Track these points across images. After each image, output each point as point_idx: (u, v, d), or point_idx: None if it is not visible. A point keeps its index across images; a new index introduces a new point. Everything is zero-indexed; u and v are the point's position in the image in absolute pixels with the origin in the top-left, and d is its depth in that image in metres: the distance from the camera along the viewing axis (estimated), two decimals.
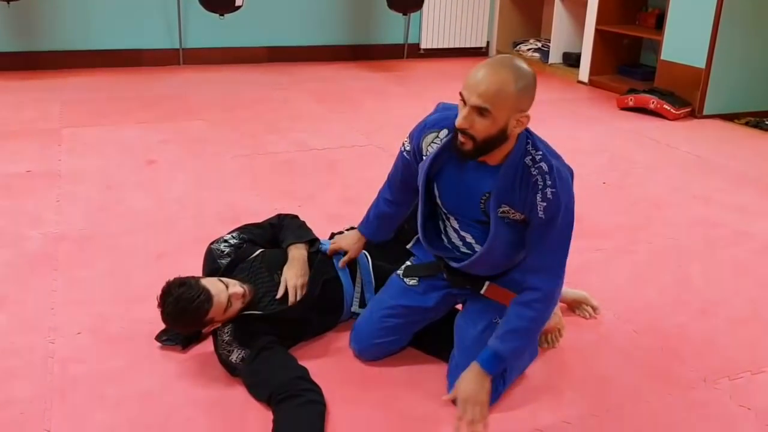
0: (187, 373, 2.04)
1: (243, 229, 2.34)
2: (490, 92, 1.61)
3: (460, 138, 1.69)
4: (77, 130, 4.20)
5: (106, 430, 1.80)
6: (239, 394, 1.95)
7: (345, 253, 2.22)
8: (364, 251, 2.26)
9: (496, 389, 1.88)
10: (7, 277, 2.53)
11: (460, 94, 1.67)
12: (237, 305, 2.01)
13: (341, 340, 2.20)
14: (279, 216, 2.38)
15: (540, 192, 1.68)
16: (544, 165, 1.67)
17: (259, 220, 2.41)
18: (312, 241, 2.25)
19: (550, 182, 1.66)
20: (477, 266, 1.89)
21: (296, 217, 2.38)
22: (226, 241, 2.28)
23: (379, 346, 2.07)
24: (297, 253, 2.16)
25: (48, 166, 3.61)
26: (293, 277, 2.10)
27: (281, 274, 2.12)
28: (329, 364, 2.09)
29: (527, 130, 1.74)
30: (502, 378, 1.91)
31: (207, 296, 1.93)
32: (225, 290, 1.98)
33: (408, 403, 1.94)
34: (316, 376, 1.97)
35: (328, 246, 2.24)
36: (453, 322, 2.04)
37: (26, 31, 5.57)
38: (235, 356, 2.00)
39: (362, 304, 2.22)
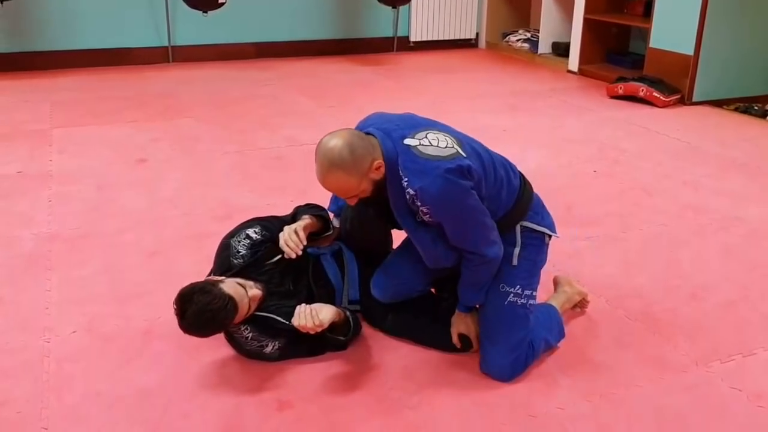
0: (182, 369, 2.05)
1: (265, 224, 2.24)
2: (336, 189, 1.94)
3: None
4: (67, 131, 4.20)
5: (103, 427, 1.81)
6: (235, 389, 1.96)
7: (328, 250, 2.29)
8: (347, 248, 2.29)
9: (525, 360, 2.04)
10: (0, 277, 2.53)
11: None
12: (254, 307, 2.01)
13: None
14: (297, 207, 2.36)
15: (419, 210, 1.92)
16: (410, 191, 1.88)
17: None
18: (322, 217, 2.28)
19: (419, 203, 1.89)
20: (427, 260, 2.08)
21: (315, 205, 2.36)
22: (248, 237, 2.18)
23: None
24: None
25: (39, 167, 3.60)
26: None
27: (294, 282, 2.16)
28: (324, 359, 2.10)
29: (398, 155, 1.90)
30: (531, 349, 2.05)
31: (233, 305, 1.89)
32: (246, 294, 1.96)
33: (403, 393, 1.96)
34: (310, 370, 1.98)
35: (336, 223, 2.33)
36: None
37: (13, 31, 5.55)
38: (270, 348, 2.04)
39: (348, 300, 2.22)
